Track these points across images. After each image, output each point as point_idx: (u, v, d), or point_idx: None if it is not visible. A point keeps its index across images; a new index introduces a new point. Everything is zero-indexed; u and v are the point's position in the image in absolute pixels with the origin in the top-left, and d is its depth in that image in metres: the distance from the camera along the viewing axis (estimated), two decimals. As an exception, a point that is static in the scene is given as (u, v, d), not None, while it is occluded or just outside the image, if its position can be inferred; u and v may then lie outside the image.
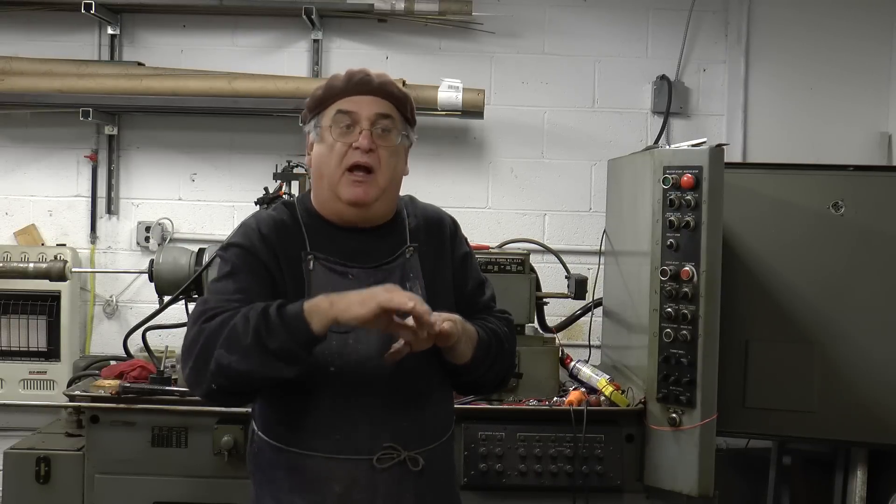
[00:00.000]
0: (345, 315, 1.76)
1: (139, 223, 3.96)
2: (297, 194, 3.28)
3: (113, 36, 3.94)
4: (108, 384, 3.06)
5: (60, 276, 3.34)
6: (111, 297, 3.97)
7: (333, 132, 1.97)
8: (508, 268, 3.23)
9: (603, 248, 3.57)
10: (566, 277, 3.52)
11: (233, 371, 1.79)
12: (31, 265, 3.36)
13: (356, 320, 1.76)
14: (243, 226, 2.03)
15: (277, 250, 1.96)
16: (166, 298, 3.23)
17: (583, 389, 3.09)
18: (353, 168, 1.95)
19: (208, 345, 1.80)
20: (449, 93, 3.72)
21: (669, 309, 2.81)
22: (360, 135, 1.95)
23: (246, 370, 1.79)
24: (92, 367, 3.43)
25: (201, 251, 3.21)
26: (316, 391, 1.92)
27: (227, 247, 1.99)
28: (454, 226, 2.17)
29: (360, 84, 2.00)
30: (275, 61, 3.96)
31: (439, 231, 2.12)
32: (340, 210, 1.99)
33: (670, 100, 3.95)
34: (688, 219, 2.78)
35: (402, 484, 1.96)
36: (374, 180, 1.96)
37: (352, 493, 1.93)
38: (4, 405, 3.81)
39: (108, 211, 3.97)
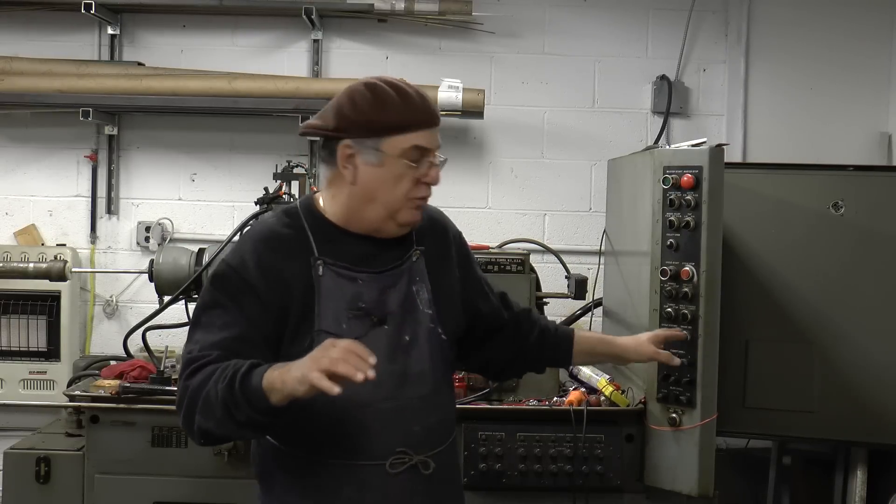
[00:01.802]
0: (296, 395, 1.72)
1: (139, 223, 3.96)
2: (296, 194, 3.28)
3: (113, 36, 3.94)
4: (108, 384, 3.06)
5: (60, 276, 3.33)
6: (111, 297, 3.97)
7: (403, 164, 1.93)
8: (508, 268, 3.23)
9: (603, 248, 3.57)
10: (566, 277, 3.52)
11: (213, 434, 1.86)
12: (31, 265, 3.36)
13: (303, 395, 1.73)
14: (240, 242, 2.01)
15: (277, 265, 1.93)
16: (166, 298, 3.22)
17: (583, 389, 3.09)
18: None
19: (190, 407, 1.84)
20: (449, 93, 3.72)
21: (669, 309, 2.81)
22: (431, 170, 1.95)
23: (225, 435, 1.87)
24: (92, 367, 3.43)
25: (201, 251, 3.21)
26: (328, 397, 1.91)
27: (219, 269, 1.97)
28: (455, 228, 2.21)
29: (429, 117, 1.95)
30: (275, 61, 3.97)
31: (443, 233, 2.15)
32: (388, 229, 1.99)
33: (670, 100, 3.95)
34: (688, 219, 2.78)
35: (414, 488, 1.97)
36: (425, 204, 2.02)
37: (364, 498, 1.95)
38: (4, 405, 3.81)
39: (108, 211, 3.97)
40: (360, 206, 1.97)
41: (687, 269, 2.78)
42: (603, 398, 3.03)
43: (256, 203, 3.21)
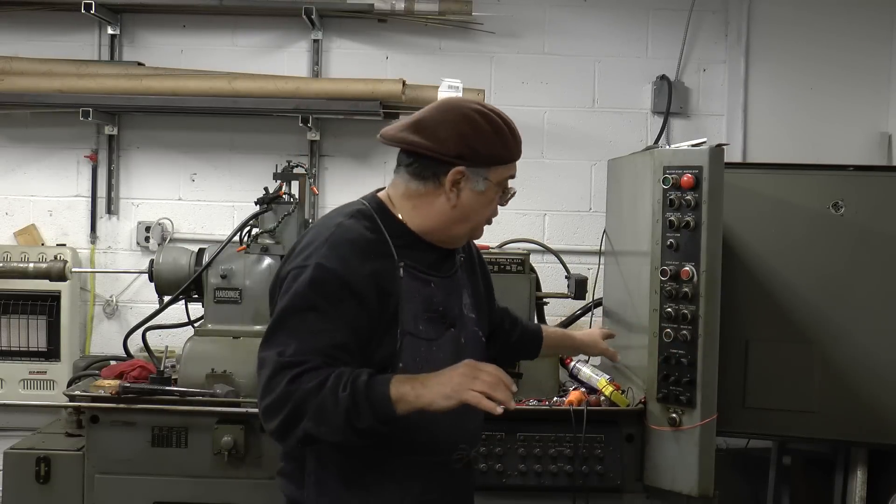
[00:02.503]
0: (431, 408, 1.82)
1: (139, 223, 3.96)
2: (296, 194, 3.27)
3: (113, 36, 3.94)
4: (108, 384, 3.06)
5: (60, 276, 3.33)
6: (111, 297, 3.97)
7: (497, 190, 2.05)
8: (508, 268, 3.23)
9: (603, 248, 3.57)
10: (566, 277, 3.52)
11: (321, 439, 1.86)
12: (31, 265, 3.36)
13: (441, 411, 1.84)
14: (332, 245, 1.93)
15: (372, 269, 1.93)
16: (166, 298, 3.23)
17: (583, 389, 3.09)
18: None
19: (297, 413, 1.83)
20: (449, 93, 3.71)
21: (669, 309, 2.81)
22: (509, 194, 2.09)
23: (334, 441, 1.87)
24: (92, 367, 3.43)
25: (201, 251, 3.21)
26: None
27: (316, 273, 1.89)
28: None
29: (521, 149, 2.07)
30: (275, 61, 3.97)
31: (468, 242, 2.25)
32: (460, 242, 2.13)
33: (670, 100, 3.95)
34: (688, 219, 2.78)
35: (467, 481, 2.14)
36: None
37: (429, 493, 2.02)
38: (4, 405, 3.81)
39: (108, 211, 3.97)
40: (451, 224, 2.04)
41: (687, 269, 2.78)
42: (603, 398, 3.03)
43: (256, 203, 3.21)
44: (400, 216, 2.03)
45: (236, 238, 3.17)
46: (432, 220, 2.02)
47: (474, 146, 1.96)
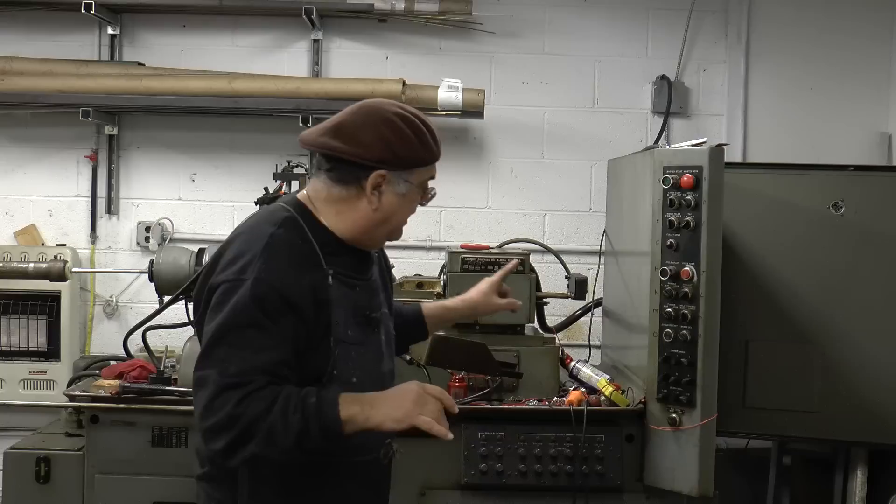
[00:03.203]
0: (379, 429, 1.89)
1: (139, 223, 3.96)
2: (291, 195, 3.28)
3: (113, 36, 3.95)
4: (108, 384, 3.06)
5: (60, 276, 3.33)
6: (111, 297, 3.97)
7: (418, 192, 2.05)
8: (508, 268, 3.23)
9: (603, 248, 3.57)
10: (566, 277, 3.52)
11: (269, 459, 1.87)
12: (31, 265, 3.36)
13: (391, 431, 1.92)
14: (267, 257, 1.90)
15: (307, 280, 1.93)
16: (166, 298, 3.22)
17: (583, 389, 3.09)
18: None
19: (245, 436, 1.82)
20: (449, 93, 3.72)
21: (669, 309, 2.81)
22: (429, 194, 2.09)
23: (282, 460, 1.89)
24: (92, 367, 3.43)
25: (201, 251, 3.21)
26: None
27: (258, 289, 1.86)
28: None
29: (440, 150, 2.08)
30: (275, 61, 3.97)
31: None
32: (380, 244, 2.14)
33: (670, 100, 3.95)
34: (688, 219, 2.78)
35: (388, 475, 2.19)
36: None
37: (363, 489, 2.07)
38: (4, 405, 3.81)
39: (108, 211, 3.97)
40: (373, 227, 2.04)
41: (687, 269, 2.78)
42: (603, 398, 3.03)
43: (256, 203, 3.21)
44: (324, 221, 2.01)
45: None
46: (357, 225, 2.01)
47: (395, 150, 1.95)
